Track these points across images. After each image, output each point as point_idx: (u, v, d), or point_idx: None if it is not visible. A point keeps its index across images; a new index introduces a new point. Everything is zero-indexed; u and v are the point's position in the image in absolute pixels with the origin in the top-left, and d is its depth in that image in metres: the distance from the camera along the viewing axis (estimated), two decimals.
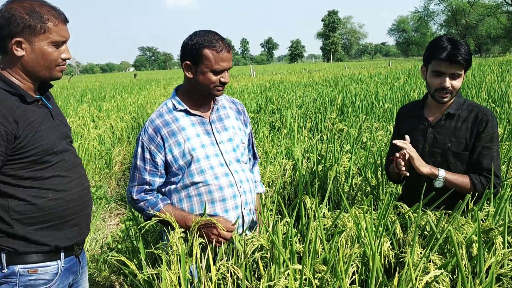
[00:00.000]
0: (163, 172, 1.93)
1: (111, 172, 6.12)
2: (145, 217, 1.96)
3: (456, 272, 1.67)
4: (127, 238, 3.18)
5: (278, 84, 15.41)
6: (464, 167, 2.06)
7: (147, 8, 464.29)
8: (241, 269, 1.67)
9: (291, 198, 2.98)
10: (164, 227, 1.92)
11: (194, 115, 1.95)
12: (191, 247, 1.75)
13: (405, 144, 1.98)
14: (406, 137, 2.04)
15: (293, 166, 3.36)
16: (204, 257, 1.73)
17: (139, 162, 1.92)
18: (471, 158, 2.04)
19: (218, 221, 1.83)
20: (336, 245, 1.74)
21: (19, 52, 1.49)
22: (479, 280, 1.59)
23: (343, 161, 3.33)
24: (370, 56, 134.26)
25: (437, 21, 71.62)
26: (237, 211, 1.95)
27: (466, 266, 1.67)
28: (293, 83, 15.83)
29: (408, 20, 79.54)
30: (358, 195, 2.79)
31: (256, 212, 2.05)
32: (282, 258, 1.70)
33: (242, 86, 15.34)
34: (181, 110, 1.94)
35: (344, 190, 2.90)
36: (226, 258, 1.79)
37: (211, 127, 1.96)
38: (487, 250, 1.75)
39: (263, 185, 2.27)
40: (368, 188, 2.87)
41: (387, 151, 2.43)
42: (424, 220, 1.90)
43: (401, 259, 1.80)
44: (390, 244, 1.85)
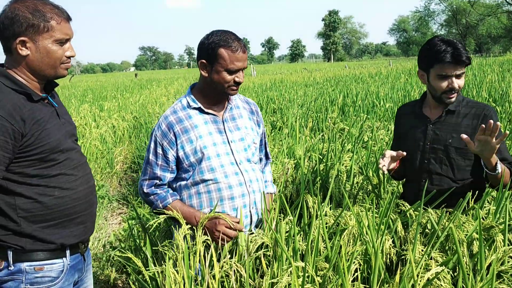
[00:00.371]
0: (174, 168, 1.95)
1: (113, 172, 6.14)
2: (154, 210, 1.98)
3: (457, 269, 1.68)
4: (130, 237, 3.20)
5: (279, 84, 15.39)
6: (466, 163, 2.07)
7: (148, 8, 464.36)
8: (245, 267, 1.69)
9: (293, 197, 2.99)
10: (173, 223, 1.94)
11: (208, 113, 1.97)
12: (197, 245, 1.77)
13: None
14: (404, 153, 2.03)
15: (295, 165, 3.37)
16: (208, 255, 1.75)
17: (151, 157, 1.94)
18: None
19: (224, 219, 1.85)
20: (338, 243, 1.76)
21: (24, 52, 1.50)
22: (480, 277, 1.61)
23: (345, 160, 3.34)
24: (371, 56, 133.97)
25: (438, 21, 71.64)
26: (245, 210, 1.97)
27: (467, 264, 1.68)
28: (294, 83, 15.82)
29: (409, 20, 79.43)
30: (360, 194, 2.80)
31: (265, 212, 2.07)
32: (285, 256, 1.71)
33: (243, 86, 15.31)
34: (195, 108, 1.96)
35: (346, 189, 2.91)
36: (230, 256, 1.80)
37: (224, 126, 1.97)
38: (488, 248, 1.76)
39: (275, 185, 2.28)
40: (370, 187, 2.89)
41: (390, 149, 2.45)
42: (425, 218, 1.92)
43: (403, 257, 1.81)
44: (392, 242, 1.86)
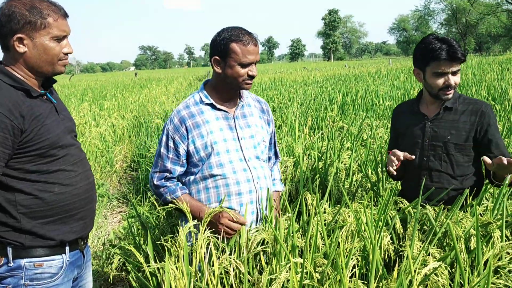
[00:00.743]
0: (185, 162, 1.99)
1: (113, 170, 6.15)
2: (163, 203, 2.01)
3: (455, 265, 1.69)
4: (130, 235, 3.21)
5: (279, 83, 15.39)
6: (465, 159, 2.08)
7: (147, 7, 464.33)
8: (243, 263, 1.70)
9: (292, 194, 3.00)
10: (181, 217, 1.97)
11: (219, 110, 1.99)
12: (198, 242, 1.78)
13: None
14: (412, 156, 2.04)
15: (294, 163, 3.38)
16: (208, 252, 1.76)
17: (163, 150, 1.98)
18: (489, 151, 2.03)
19: (227, 212, 1.87)
20: (337, 240, 1.77)
21: (21, 49, 1.50)
22: (477, 273, 1.62)
23: (344, 158, 3.35)
24: (371, 55, 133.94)
25: (438, 20, 71.71)
26: (252, 206, 1.99)
27: (465, 259, 1.69)
28: (294, 82, 15.82)
29: (409, 19, 79.31)
30: (359, 191, 2.82)
31: (273, 209, 2.09)
32: (284, 252, 1.72)
33: None
34: (207, 104, 1.99)
35: (345, 187, 2.92)
36: (229, 252, 1.81)
37: (234, 123, 2.00)
38: (486, 244, 1.77)
39: (282, 184, 2.29)
40: (369, 185, 2.90)
41: (387, 148, 2.46)
42: (424, 215, 1.93)
43: (401, 253, 1.82)
44: (390, 239, 1.87)
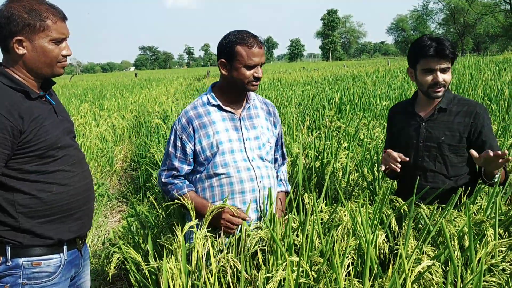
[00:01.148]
0: (191, 161, 2.04)
1: (113, 170, 6.17)
2: (170, 199, 2.07)
3: (449, 264, 1.71)
4: (129, 234, 3.22)
5: (278, 83, 15.40)
6: (459, 159, 2.10)
7: (147, 8, 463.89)
8: (241, 262, 1.72)
9: (290, 194, 3.02)
10: (187, 214, 2.03)
11: (226, 111, 2.04)
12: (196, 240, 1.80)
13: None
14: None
15: (292, 163, 3.41)
16: (205, 250, 1.78)
17: (171, 149, 2.04)
18: (482, 152, 2.01)
19: (229, 207, 1.92)
20: (333, 238, 1.79)
21: (21, 51, 1.52)
22: (470, 270, 1.64)
23: (341, 158, 3.37)
24: (369, 55, 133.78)
25: (436, 20, 71.84)
26: (255, 205, 2.03)
27: (458, 258, 1.71)
28: (293, 82, 15.83)
29: (407, 19, 79.27)
30: (355, 191, 2.83)
31: (277, 209, 2.11)
32: (280, 251, 1.74)
33: None
34: (214, 105, 2.04)
35: (341, 186, 2.94)
36: (227, 251, 1.83)
37: (240, 124, 2.04)
38: (479, 242, 1.79)
39: (289, 184, 2.32)
40: (365, 184, 2.92)
41: (383, 148, 2.48)
42: (419, 214, 1.95)
43: (396, 252, 1.84)
44: (386, 237, 1.89)
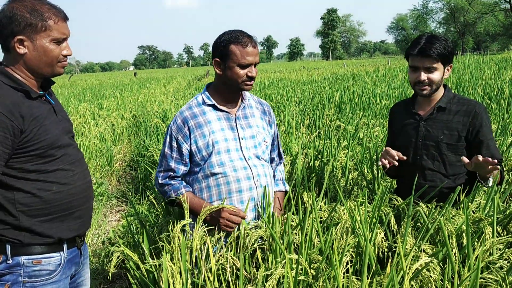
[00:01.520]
0: (188, 161, 2.04)
1: (112, 170, 6.17)
2: (168, 200, 2.07)
3: (447, 261, 1.72)
4: (129, 233, 3.23)
5: (277, 82, 15.41)
6: (457, 158, 2.10)
7: (147, 7, 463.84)
8: (240, 260, 1.72)
9: (289, 192, 3.03)
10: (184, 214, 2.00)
11: (221, 111, 2.04)
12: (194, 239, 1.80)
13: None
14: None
15: (291, 162, 3.41)
16: (204, 249, 1.79)
17: (167, 150, 2.04)
18: (479, 152, 2.06)
19: (227, 207, 1.92)
20: (332, 237, 1.79)
21: (22, 50, 1.53)
22: (467, 268, 1.64)
23: (340, 157, 3.37)
24: (369, 54, 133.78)
25: (436, 19, 71.72)
26: (253, 203, 2.04)
27: (456, 255, 1.72)
28: (292, 81, 15.83)
29: (407, 18, 79.13)
30: (354, 189, 2.84)
31: (275, 208, 2.12)
32: (279, 249, 1.75)
33: None
34: (209, 105, 2.04)
35: (341, 185, 2.95)
36: (226, 249, 1.84)
37: (236, 123, 2.05)
38: (477, 240, 1.80)
39: (286, 184, 2.32)
40: (364, 183, 2.93)
41: (383, 147, 2.49)
42: (418, 213, 1.95)
43: (395, 250, 1.84)
44: (384, 236, 1.90)
